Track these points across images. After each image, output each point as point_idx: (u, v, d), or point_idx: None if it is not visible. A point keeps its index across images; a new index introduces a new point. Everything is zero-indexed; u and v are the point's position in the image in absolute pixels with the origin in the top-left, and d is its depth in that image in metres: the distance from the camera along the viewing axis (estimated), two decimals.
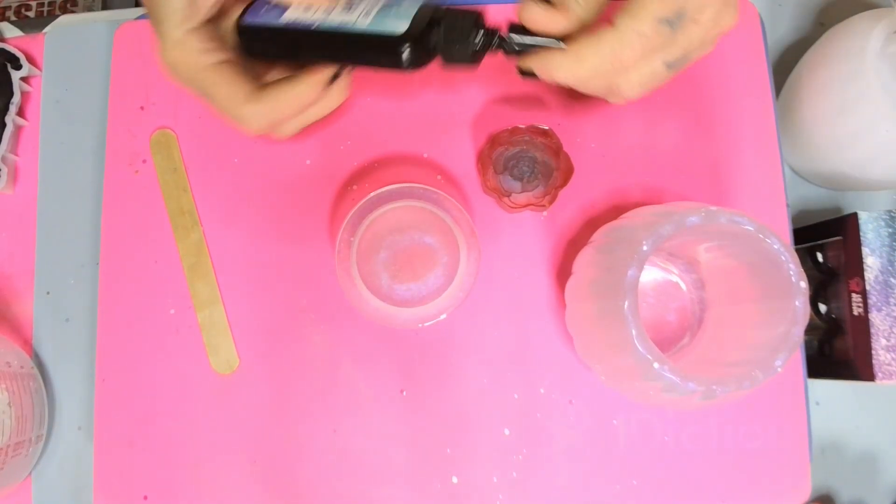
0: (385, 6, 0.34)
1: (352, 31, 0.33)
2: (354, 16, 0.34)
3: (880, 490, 0.47)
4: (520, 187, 0.43)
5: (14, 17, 0.78)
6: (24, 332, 0.45)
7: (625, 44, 0.30)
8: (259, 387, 0.42)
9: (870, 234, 0.41)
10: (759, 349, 0.34)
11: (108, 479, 0.42)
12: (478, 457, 0.42)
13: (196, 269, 0.44)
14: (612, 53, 0.30)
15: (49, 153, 0.47)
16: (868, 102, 0.41)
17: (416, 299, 0.42)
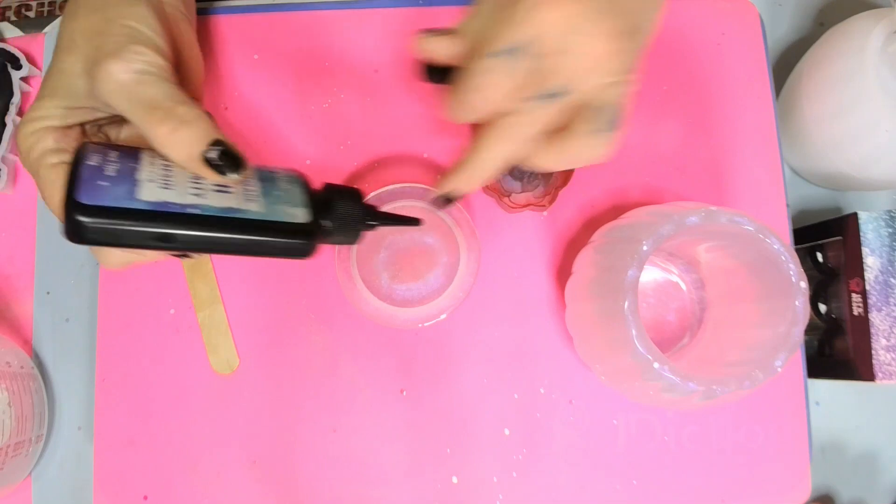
0: (265, 187, 0.31)
1: (245, 218, 0.28)
2: (237, 200, 0.29)
3: (880, 490, 0.47)
4: (520, 187, 0.43)
5: (14, 17, 0.78)
6: (24, 332, 0.45)
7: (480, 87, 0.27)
8: (259, 387, 0.42)
9: (870, 234, 0.41)
10: (759, 349, 0.34)
11: (108, 479, 0.42)
12: (478, 457, 0.42)
13: (196, 269, 0.44)
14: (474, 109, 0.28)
15: None
16: (868, 102, 0.41)
17: (416, 299, 0.42)
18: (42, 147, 0.30)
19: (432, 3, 0.46)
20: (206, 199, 0.28)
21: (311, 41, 0.46)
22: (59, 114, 0.31)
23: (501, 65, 0.27)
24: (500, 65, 0.27)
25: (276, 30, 0.46)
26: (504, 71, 0.27)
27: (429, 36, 0.30)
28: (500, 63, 0.27)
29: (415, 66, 0.32)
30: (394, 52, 0.46)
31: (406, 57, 0.46)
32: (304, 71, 0.45)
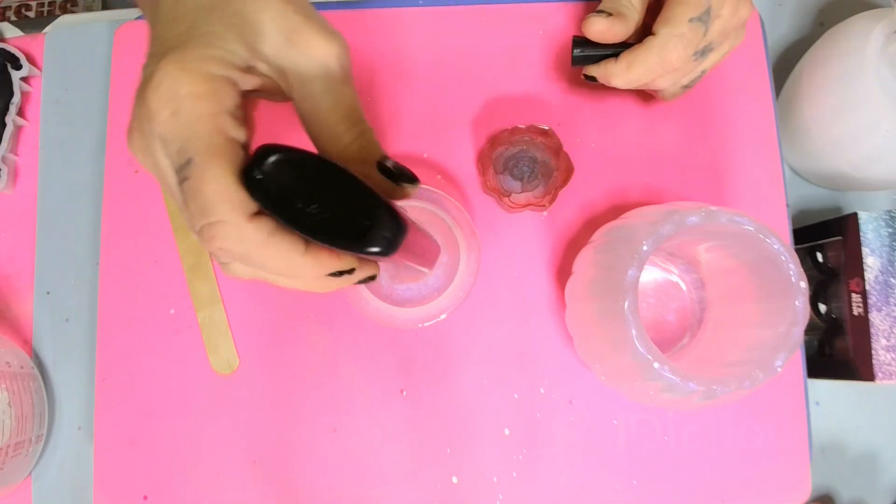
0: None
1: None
2: None
3: (880, 490, 0.47)
4: (520, 187, 0.43)
5: (14, 17, 0.78)
6: (24, 332, 0.45)
7: (669, 48, 0.36)
8: (259, 387, 0.42)
9: (870, 234, 0.41)
10: (759, 349, 0.34)
11: (108, 479, 0.42)
12: (478, 457, 0.42)
13: (196, 269, 0.44)
14: (659, 58, 0.36)
15: (49, 153, 0.47)
16: (868, 102, 0.41)
17: (416, 299, 0.42)
18: (226, 102, 0.23)
19: (432, 3, 0.46)
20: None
21: None
22: (247, 55, 0.24)
23: (694, 28, 0.35)
24: (693, 28, 0.35)
25: None
26: (695, 32, 0.35)
27: (597, 16, 0.37)
28: (693, 26, 0.35)
29: (571, 46, 0.39)
30: (394, 53, 0.46)
31: (406, 57, 0.46)
32: None
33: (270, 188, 0.22)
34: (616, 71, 0.37)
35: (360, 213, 0.22)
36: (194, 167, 0.22)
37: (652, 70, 0.37)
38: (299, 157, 0.22)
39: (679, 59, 0.36)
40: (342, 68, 0.26)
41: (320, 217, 0.22)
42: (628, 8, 0.37)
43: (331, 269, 0.24)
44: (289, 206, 0.22)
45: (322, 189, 0.22)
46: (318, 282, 0.25)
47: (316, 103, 0.25)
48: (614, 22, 0.37)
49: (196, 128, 0.22)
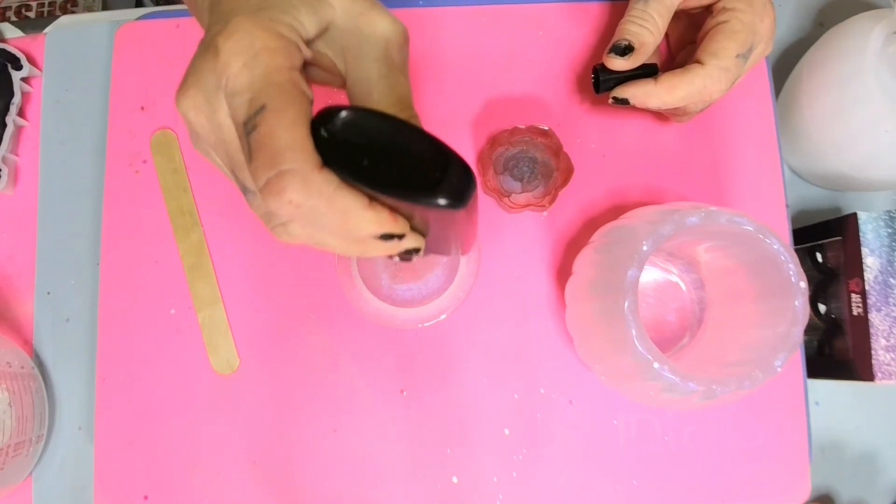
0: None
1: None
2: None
3: (880, 490, 0.47)
4: (520, 187, 0.43)
5: (14, 18, 0.78)
6: (24, 332, 0.45)
7: (714, 79, 0.38)
8: (259, 387, 0.42)
9: (869, 234, 0.41)
10: (759, 349, 0.34)
11: (108, 479, 0.42)
12: (478, 457, 0.42)
13: (196, 269, 0.44)
14: (703, 86, 0.38)
15: (49, 153, 0.47)
16: (868, 102, 0.41)
17: (416, 299, 0.42)
18: (296, 61, 0.24)
19: (432, 3, 0.46)
20: None
21: None
22: (314, 30, 0.25)
23: (738, 63, 0.38)
24: (737, 63, 0.38)
25: None
26: (739, 67, 0.38)
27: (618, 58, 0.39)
28: (738, 62, 0.38)
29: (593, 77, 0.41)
30: None
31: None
32: None
33: (337, 146, 0.22)
34: (656, 92, 0.39)
35: (430, 166, 0.22)
36: (268, 113, 0.22)
37: (692, 96, 0.38)
38: (365, 115, 0.22)
39: (720, 91, 0.38)
40: (401, 56, 0.27)
41: (389, 172, 0.22)
42: (650, 35, 0.39)
43: (387, 229, 0.24)
44: (356, 163, 0.22)
45: (390, 144, 0.22)
46: (369, 244, 0.25)
47: (371, 86, 0.26)
48: (638, 56, 0.39)
49: (272, 77, 0.22)
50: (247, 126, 0.22)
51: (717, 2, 0.39)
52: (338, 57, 0.26)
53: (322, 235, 0.24)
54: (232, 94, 0.22)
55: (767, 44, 0.40)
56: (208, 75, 0.23)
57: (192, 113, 0.24)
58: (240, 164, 0.24)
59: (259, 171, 0.22)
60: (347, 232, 0.23)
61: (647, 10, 0.39)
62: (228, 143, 0.24)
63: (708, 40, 0.39)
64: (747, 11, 0.38)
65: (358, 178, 0.22)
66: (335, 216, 0.23)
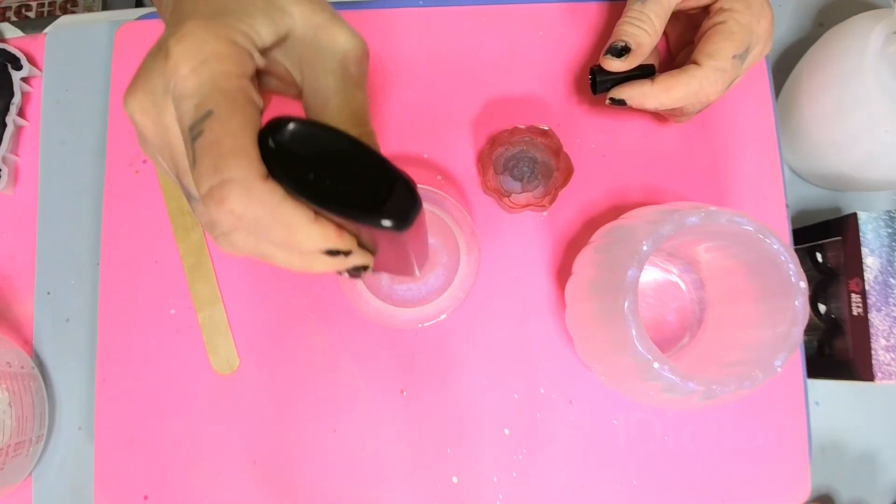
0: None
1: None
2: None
3: (880, 490, 0.47)
4: (520, 187, 0.43)
5: (14, 18, 0.78)
6: (24, 332, 0.45)
7: (710, 80, 0.38)
8: (259, 387, 0.42)
9: (869, 234, 0.41)
10: (759, 349, 0.34)
11: (108, 479, 0.42)
12: (478, 457, 0.42)
13: (196, 269, 0.44)
14: (699, 87, 0.38)
15: (49, 153, 0.47)
16: (868, 102, 0.41)
17: (416, 299, 0.42)
18: (247, 69, 0.23)
19: (432, 3, 0.46)
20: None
21: None
22: (269, 40, 0.25)
23: (735, 64, 0.38)
24: (734, 64, 0.38)
25: None
26: (735, 68, 0.38)
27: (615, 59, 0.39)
28: (734, 63, 0.38)
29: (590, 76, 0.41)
30: (393, 53, 0.46)
31: (406, 57, 0.46)
32: None
33: (284, 157, 0.21)
34: (653, 93, 0.39)
35: (376, 185, 0.22)
36: (214, 120, 0.21)
37: (688, 97, 0.38)
38: (315, 128, 0.22)
39: (716, 93, 0.39)
40: (359, 70, 0.26)
41: (335, 188, 0.22)
42: (647, 36, 0.39)
43: (332, 245, 0.23)
44: (302, 176, 0.21)
45: (338, 160, 0.22)
46: (315, 259, 0.24)
47: (326, 99, 0.25)
48: (634, 57, 0.39)
49: (220, 83, 0.22)
50: (192, 131, 0.22)
51: (715, 2, 0.39)
52: (294, 67, 0.26)
53: (266, 248, 0.24)
54: (179, 98, 0.22)
55: (766, 44, 0.40)
56: (157, 78, 0.23)
57: (138, 115, 0.24)
58: (184, 170, 0.24)
59: (202, 177, 0.21)
60: (292, 245, 0.23)
61: (644, 10, 0.39)
62: (174, 147, 0.24)
63: (705, 41, 0.39)
64: (744, 12, 0.38)
65: (303, 192, 0.21)
66: (279, 229, 0.22)
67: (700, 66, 0.38)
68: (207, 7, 0.24)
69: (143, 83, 0.23)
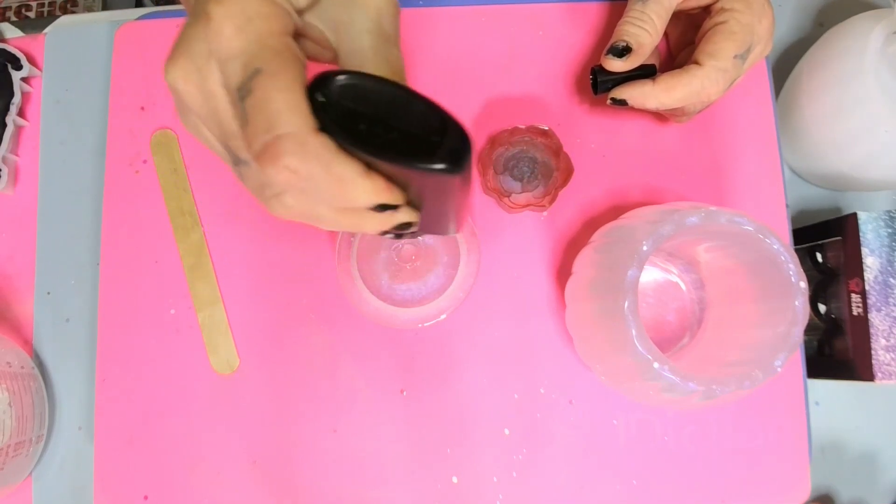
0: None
1: None
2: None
3: (880, 490, 0.47)
4: (520, 187, 0.43)
5: (14, 18, 0.78)
6: (24, 332, 0.45)
7: (712, 80, 0.38)
8: (259, 387, 0.42)
9: (869, 234, 0.41)
10: (759, 349, 0.34)
11: (108, 479, 0.42)
12: (478, 457, 0.42)
13: (196, 269, 0.44)
14: (700, 87, 0.38)
15: (49, 153, 0.47)
16: (867, 103, 0.41)
17: (416, 299, 0.42)
18: (289, 27, 0.23)
19: (432, 3, 0.46)
20: None
21: None
22: (304, 2, 0.25)
23: (736, 64, 0.38)
24: (735, 64, 0.38)
25: None
26: (736, 67, 0.38)
27: (616, 59, 0.39)
28: (735, 62, 0.38)
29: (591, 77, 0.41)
30: None
31: (406, 57, 0.46)
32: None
33: (334, 110, 0.21)
34: (654, 93, 0.39)
35: (427, 130, 0.22)
36: (263, 77, 0.21)
37: (690, 97, 0.38)
38: (362, 79, 0.22)
39: (718, 92, 0.39)
40: (393, 27, 0.26)
41: (386, 137, 0.22)
42: (648, 36, 0.39)
43: (383, 198, 0.23)
44: (353, 127, 0.21)
45: (387, 109, 0.22)
46: (363, 217, 0.24)
47: (363, 59, 0.25)
48: (636, 57, 0.39)
49: (266, 41, 0.22)
50: (241, 91, 0.22)
51: (716, 2, 0.39)
52: (329, 29, 0.26)
53: (317, 206, 0.24)
54: (225, 60, 0.22)
55: (766, 44, 0.40)
56: (199, 43, 0.22)
57: (181, 82, 0.23)
58: (232, 133, 0.24)
59: (255, 136, 0.21)
60: (343, 201, 0.23)
61: (646, 10, 0.39)
62: (220, 111, 0.23)
63: (706, 41, 0.39)
64: (745, 12, 0.38)
65: (355, 144, 0.21)
66: (332, 184, 0.22)
67: (701, 66, 0.38)
68: None
69: (185, 50, 0.23)
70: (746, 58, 0.39)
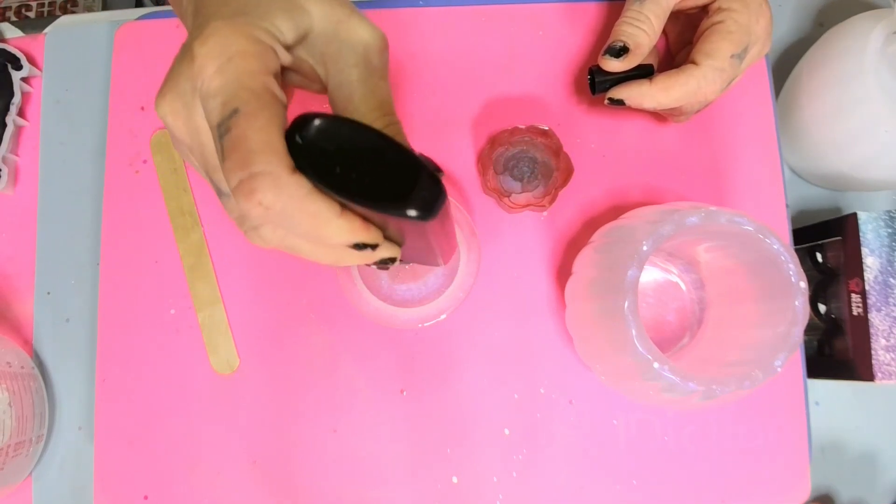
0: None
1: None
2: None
3: (880, 490, 0.47)
4: (520, 187, 0.43)
5: (14, 18, 0.78)
6: (24, 332, 0.45)
7: (708, 79, 0.38)
8: (259, 387, 0.42)
9: (869, 234, 0.41)
10: (759, 349, 0.34)
11: (108, 479, 0.42)
12: (478, 457, 0.42)
13: (196, 269, 0.44)
14: (697, 87, 0.38)
15: (49, 153, 0.47)
16: (867, 103, 0.41)
17: (416, 299, 0.42)
18: (271, 65, 0.24)
19: (432, 3, 0.46)
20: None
21: None
22: (291, 37, 0.25)
23: (733, 64, 0.38)
24: (732, 63, 0.38)
25: None
26: (734, 67, 0.38)
27: (614, 59, 0.39)
28: (732, 62, 0.38)
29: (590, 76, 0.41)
30: (394, 53, 0.46)
31: (406, 57, 0.46)
32: None
33: (311, 152, 0.22)
34: (651, 93, 0.38)
35: (401, 176, 0.22)
36: (241, 117, 0.22)
37: (687, 96, 0.38)
38: (339, 123, 0.22)
39: (715, 92, 0.39)
40: (381, 61, 0.27)
41: (360, 181, 0.22)
42: (645, 36, 0.39)
43: (359, 238, 0.24)
44: (328, 170, 0.22)
45: (363, 154, 0.22)
46: (342, 253, 0.25)
47: (351, 91, 0.26)
48: (633, 57, 0.39)
49: (245, 80, 0.23)
50: (220, 128, 0.22)
51: (713, 2, 0.39)
52: (318, 63, 0.27)
53: (295, 240, 0.25)
54: (206, 98, 0.23)
55: (765, 43, 0.40)
56: (185, 81, 0.23)
57: (169, 118, 0.24)
58: (214, 167, 0.25)
59: (231, 171, 0.22)
60: (319, 238, 0.24)
61: (643, 10, 0.38)
62: (204, 145, 0.24)
63: (703, 41, 0.39)
64: (743, 12, 0.38)
65: (329, 186, 0.22)
66: (307, 221, 0.23)
67: (698, 66, 0.38)
68: (228, 8, 0.24)
69: (173, 86, 0.24)
70: (744, 57, 0.39)
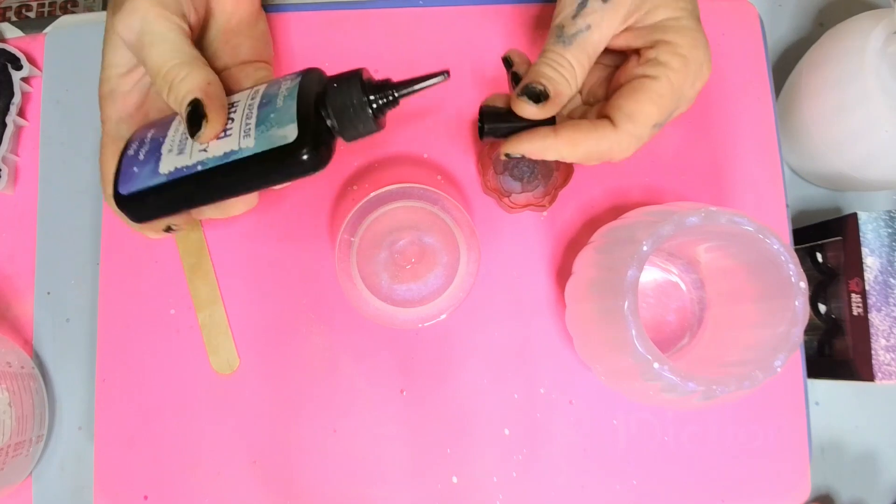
0: (261, 114, 0.30)
1: (241, 158, 0.29)
2: (235, 140, 0.30)
3: (880, 490, 0.47)
4: (520, 187, 0.43)
5: (14, 18, 0.78)
6: (24, 332, 0.45)
7: (623, 146, 0.34)
8: (259, 387, 0.42)
9: (869, 234, 0.41)
10: (759, 349, 0.34)
11: (108, 479, 0.42)
12: (478, 457, 0.42)
13: (196, 269, 0.44)
14: (608, 149, 0.34)
15: (49, 153, 0.47)
16: (867, 102, 0.41)
17: (416, 299, 0.42)
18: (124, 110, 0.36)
19: (432, 3, 0.46)
20: (209, 151, 0.30)
21: (310, 41, 0.46)
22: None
23: (653, 132, 0.34)
24: (652, 132, 0.34)
25: (275, 30, 0.46)
26: (652, 135, 0.34)
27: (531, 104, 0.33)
28: (653, 131, 0.34)
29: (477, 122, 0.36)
30: (394, 53, 0.46)
31: (406, 57, 0.46)
32: None
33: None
34: (556, 146, 0.33)
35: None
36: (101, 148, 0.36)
37: (593, 156, 0.34)
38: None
39: (624, 157, 0.34)
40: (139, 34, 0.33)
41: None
42: (567, 86, 0.33)
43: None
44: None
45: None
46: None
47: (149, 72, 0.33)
48: (552, 106, 0.33)
49: (106, 126, 0.36)
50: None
51: (649, 48, 0.34)
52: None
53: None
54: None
55: (689, 105, 0.35)
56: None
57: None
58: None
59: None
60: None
61: (566, 56, 0.33)
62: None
63: (626, 96, 0.33)
64: (680, 71, 0.33)
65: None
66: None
67: (615, 129, 0.33)
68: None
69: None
70: (664, 125, 0.34)
